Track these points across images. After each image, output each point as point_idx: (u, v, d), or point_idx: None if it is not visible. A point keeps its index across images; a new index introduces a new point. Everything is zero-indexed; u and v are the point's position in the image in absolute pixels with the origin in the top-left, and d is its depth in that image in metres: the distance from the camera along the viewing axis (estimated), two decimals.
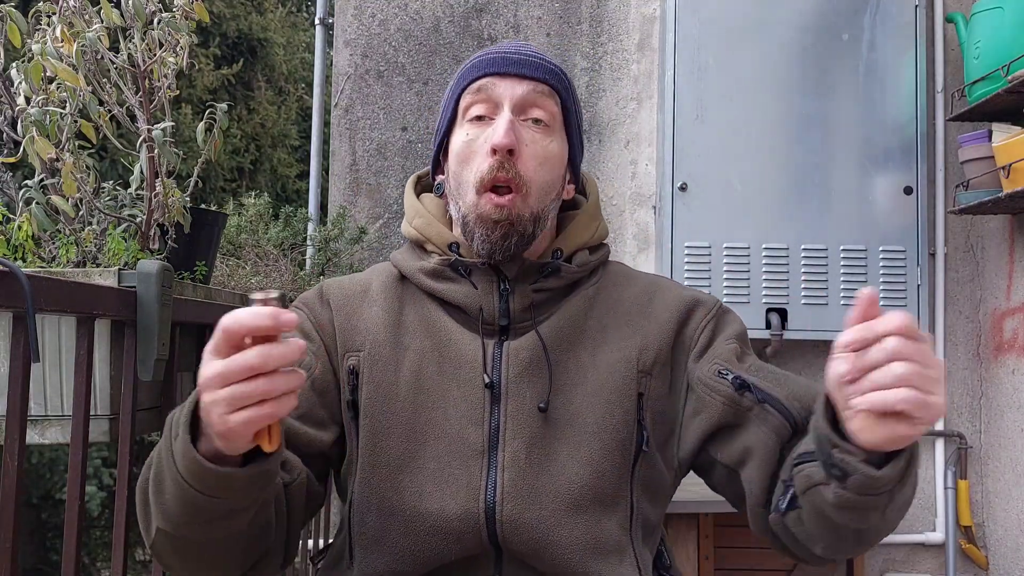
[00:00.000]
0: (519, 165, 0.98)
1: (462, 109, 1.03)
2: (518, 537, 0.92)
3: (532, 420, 0.95)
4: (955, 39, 2.59)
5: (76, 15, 1.25)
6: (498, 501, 0.92)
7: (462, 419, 0.96)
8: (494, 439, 0.95)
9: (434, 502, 0.93)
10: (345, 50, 2.76)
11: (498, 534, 0.93)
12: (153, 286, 1.05)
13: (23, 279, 0.80)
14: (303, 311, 1.04)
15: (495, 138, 0.96)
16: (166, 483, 0.78)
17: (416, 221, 1.09)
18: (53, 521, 3.98)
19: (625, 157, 2.73)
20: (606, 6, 2.76)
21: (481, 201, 0.98)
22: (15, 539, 0.83)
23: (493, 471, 0.94)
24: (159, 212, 1.30)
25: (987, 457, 2.63)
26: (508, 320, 1.00)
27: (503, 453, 0.94)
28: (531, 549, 0.93)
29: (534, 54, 1.04)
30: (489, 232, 0.97)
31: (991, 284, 2.63)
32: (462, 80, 1.04)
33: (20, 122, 1.23)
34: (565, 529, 0.93)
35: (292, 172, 5.40)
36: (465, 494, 0.93)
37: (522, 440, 0.95)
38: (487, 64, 1.02)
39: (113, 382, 1.09)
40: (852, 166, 2.54)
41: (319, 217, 2.83)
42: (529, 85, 1.01)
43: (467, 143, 1.00)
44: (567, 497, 0.94)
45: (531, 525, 0.92)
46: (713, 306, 1.05)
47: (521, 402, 0.96)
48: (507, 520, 0.92)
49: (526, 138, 0.99)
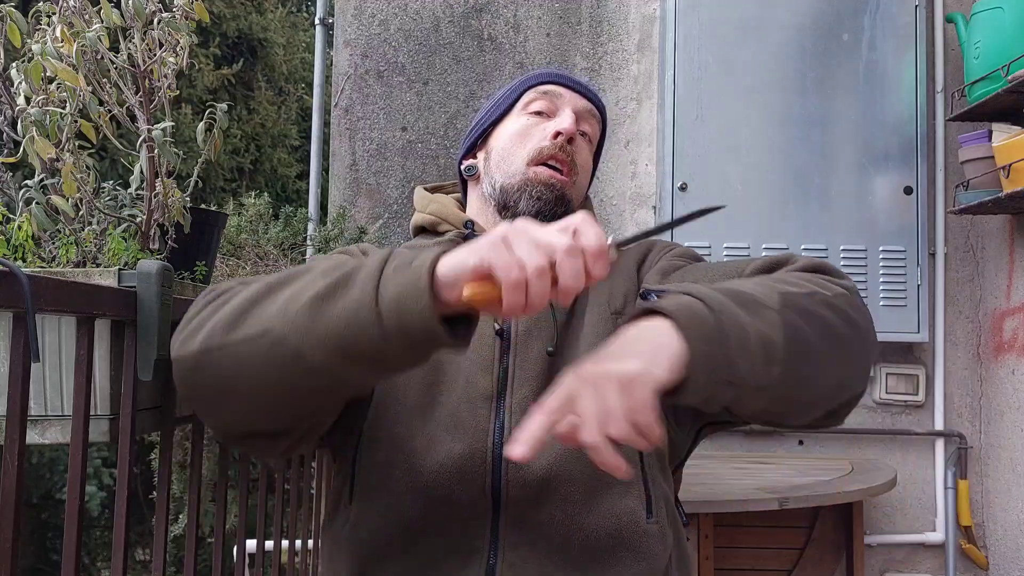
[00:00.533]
0: (576, 152, 1.10)
1: (524, 102, 1.13)
2: (521, 476, 0.93)
3: (539, 367, 0.98)
4: (955, 39, 2.59)
5: (76, 15, 1.25)
6: (504, 442, 0.93)
7: (473, 366, 0.99)
8: (503, 385, 0.97)
9: (442, 443, 0.94)
10: (345, 50, 2.76)
11: (502, 474, 0.93)
12: (153, 286, 1.05)
13: (23, 279, 0.80)
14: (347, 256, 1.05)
15: (564, 123, 1.08)
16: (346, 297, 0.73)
17: (431, 207, 1.16)
18: (53, 521, 3.99)
19: (625, 157, 2.73)
20: (606, 6, 2.76)
21: (532, 169, 1.07)
22: (15, 539, 0.83)
23: (501, 414, 0.96)
24: (159, 212, 1.30)
25: (987, 457, 2.63)
26: None
27: (511, 398, 0.96)
28: (534, 488, 0.93)
29: (586, 82, 1.20)
30: (543, 192, 1.06)
31: (991, 284, 2.63)
32: (529, 80, 1.14)
33: (20, 122, 1.22)
34: (569, 465, 0.93)
35: (292, 172, 5.40)
36: (473, 435, 0.94)
37: (530, 387, 0.97)
38: (555, 75, 1.15)
39: (113, 382, 1.09)
40: (852, 166, 2.54)
41: (319, 217, 2.83)
42: (588, 104, 1.14)
43: (527, 125, 1.11)
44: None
45: (535, 463, 0.93)
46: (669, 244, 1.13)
47: (528, 350, 0.99)
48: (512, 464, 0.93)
49: (579, 140, 1.11)
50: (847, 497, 2.18)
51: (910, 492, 2.66)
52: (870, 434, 2.65)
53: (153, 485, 2.71)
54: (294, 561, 1.77)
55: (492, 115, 1.15)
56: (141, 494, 3.45)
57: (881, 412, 2.66)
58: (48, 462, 3.91)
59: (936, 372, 2.65)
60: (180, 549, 3.08)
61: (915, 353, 2.67)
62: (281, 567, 1.70)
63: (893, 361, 2.66)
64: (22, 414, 0.84)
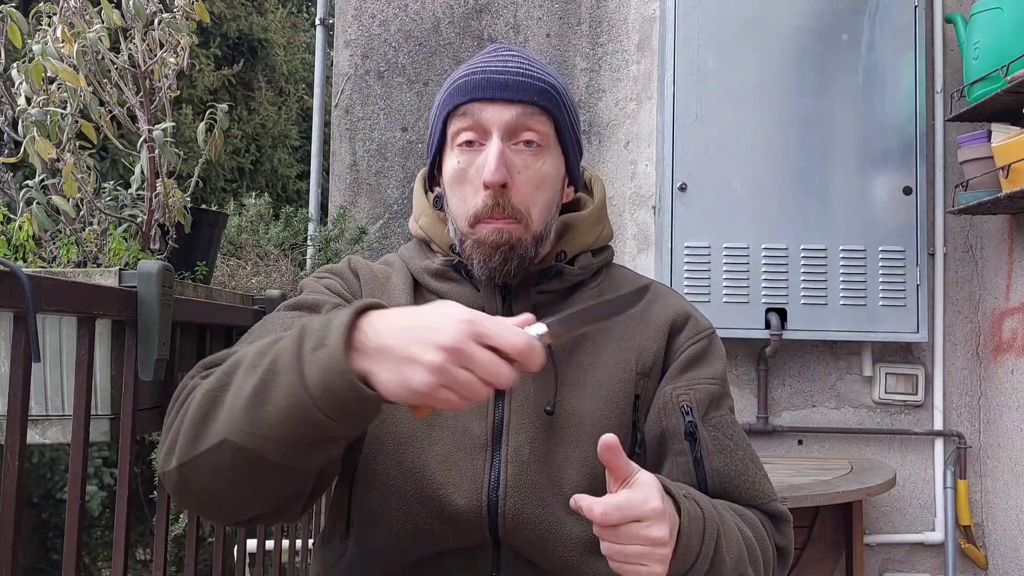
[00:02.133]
0: (514, 196, 0.96)
1: (451, 134, 1.00)
2: (519, 531, 0.93)
3: (535, 417, 0.96)
4: (954, 39, 2.59)
5: (77, 15, 1.25)
6: (501, 496, 0.93)
7: (466, 413, 0.97)
8: (497, 433, 0.96)
9: (439, 488, 0.94)
10: (345, 51, 2.77)
11: (500, 527, 0.94)
12: (154, 286, 1.05)
13: (24, 279, 0.80)
14: (335, 280, 1.05)
15: (487, 175, 0.94)
16: (276, 392, 0.74)
17: (422, 220, 1.09)
18: (54, 521, 3.99)
19: (625, 157, 2.73)
20: (606, 6, 2.77)
21: (475, 229, 0.97)
22: (16, 539, 0.83)
23: (497, 465, 0.95)
24: (160, 212, 1.31)
25: (986, 457, 2.63)
26: None
27: (506, 448, 0.95)
28: (531, 544, 0.94)
29: (521, 70, 1.00)
30: (487, 257, 0.97)
31: (990, 284, 2.63)
32: (447, 103, 1.00)
33: (21, 122, 1.23)
34: (565, 527, 0.94)
35: (292, 172, 5.40)
36: (470, 486, 0.94)
37: (525, 436, 0.96)
38: (472, 87, 0.98)
39: (114, 382, 1.09)
40: (851, 166, 2.54)
41: (319, 217, 2.84)
42: (517, 109, 0.97)
43: (459, 172, 0.99)
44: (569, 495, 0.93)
45: (533, 520, 0.93)
46: (706, 328, 1.07)
47: (525, 398, 0.97)
48: (509, 514, 0.93)
49: (519, 164, 0.97)
50: (846, 497, 2.18)
51: (909, 492, 2.66)
52: (869, 434, 2.65)
53: (153, 485, 2.71)
54: (294, 561, 1.77)
55: (433, 142, 1.05)
56: (141, 494, 3.46)
57: (880, 412, 2.67)
58: (48, 462, 3.92)
59: (935, 372, 2.66)
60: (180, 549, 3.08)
61: (914, 353, 2.68)
62: (281, 567, 1.70)
63: (892, 361, 2.66)
64: (23, 414, 0.84)
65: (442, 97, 1.03)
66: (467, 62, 1.05)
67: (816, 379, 2.67)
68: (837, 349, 2.66)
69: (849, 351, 2.66)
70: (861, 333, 2.52)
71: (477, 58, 1.04)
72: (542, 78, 1.00)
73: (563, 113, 1.02)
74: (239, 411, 0.76)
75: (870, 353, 2.63)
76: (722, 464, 0.99)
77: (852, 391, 2.67)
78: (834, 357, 2.67)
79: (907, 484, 2.65)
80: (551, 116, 1.00)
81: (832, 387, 2.67)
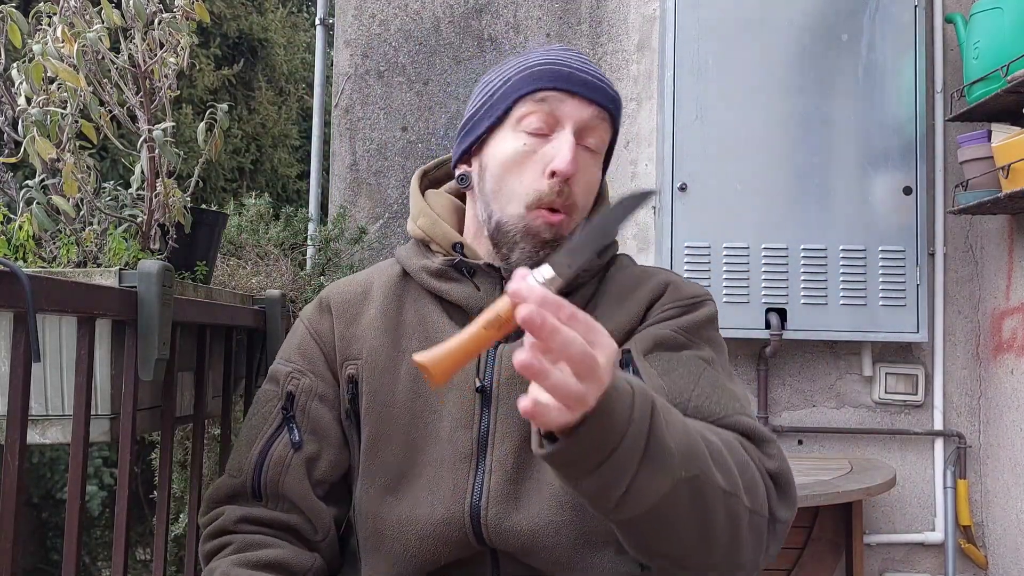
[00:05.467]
0: (575, 191, 0.98)
1: (517, 116, 0.98)
2: (504, 539, 0.93)
3: (521, 424, 0.96)
4: (954, 39, 2.59)
5: (77, 15, 1.25)
6: (483, 505, 0.93)
7: (453, 422, 0.97)
8: (483, 443, 0.96)
9: (424, 507, 0.95)
10: (345, 50, 2.77)
11: (484, 537, 0.94)
12: (154, 286, 1.05)
13: (24, 279, 0.80)
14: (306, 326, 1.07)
15: (561, 164, 0.94)
16: None
17: (421, 220, 1.08)
18: (54, 521, 3.99)
19: (625, 157, 2.73)
20: (606, 6, 2.77)
21: (531, 216, 0.97)
22: (16, 539, 0.83)
23: (480, 474, 0.95)
24: (160, 212, 1.31)
25: (986, 457, 2.64)
26: None
27: (491, 457, 0.95)
28: (519, 549, 0.94)
29: (599, 74, 1.01)
30: (537, 249, 0.97)
31: (990, 284, 2.63)
32: (522, 84, 0.98)
33: (21, 122, 1.23)
34: (551, 527, 0.93)
35: (292, 172, 5.40)
36: (451, 498, 0.94)
37: (510, 443, 0.95)
38: (557, 77, 0.98)
39: (114, 382, 1.09)
40: (851, 166, 2.54)
41: (319, 217, 2.84)
42: (594, 111, 0.99)
43: (522, 153, 0.97)
44: (551, 497, 0.94)
45: (516, 527, 0.93)
46: (688, 295, 1.02)
47: (510, 407, 0.96)
48: (491, 523, 0.93)
49: (581, 164, 0.99)
50: (846, 496, 2.18)
51: (909, 492, 2.66)
52: (869, 434, 2.65)
53: (153, 485, 2.71)
54: None
55: (485, 120, 1.02)
56: (141, 494, 3.46)
57: (880, 412, 2.67)
58: (48, 462, 3.91)
59: (935, 372, 2.65)
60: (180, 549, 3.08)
61: (914, 353, 2.68)
62: None
63: (892, 361, 2.66)
64: (23, 414, 0.84)
65: (512, 78, 1.00)
66: (535, 52, 1.03)
67: (816, 379, 2.67)
68: (837, 349, 2.66)
69: (849, 351, 2.66)
70: (861, 333, 2.52)
71: (551, 50, 1.02)
72: (612, 86, 1.04)
73: (617, 127, 1.06)
74: None
75: (870, 353, 2.63)
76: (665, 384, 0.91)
77: (852, 391, 2.67)
78: (834, 357, 2.67)
79: (907, 484, 2.65)
80: (613, 127, 1.04)
81: (832, 387, 2.67)
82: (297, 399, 1.02)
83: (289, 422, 1.01)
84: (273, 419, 1.02)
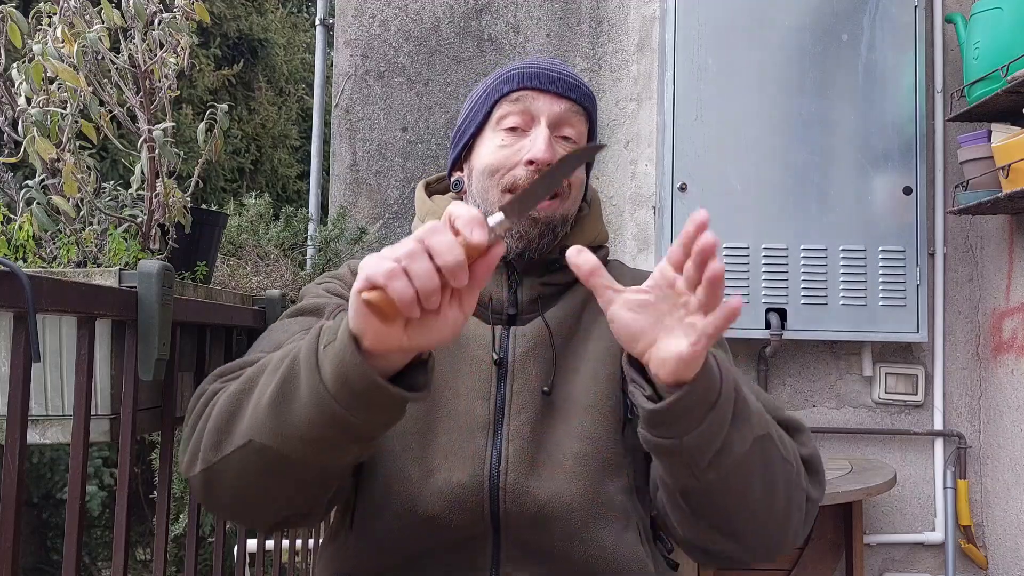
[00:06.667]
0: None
1: (496, 117, 1.06)
2: (520, 505, 0.95)
3: (535, 398, 1.00)
4: (954, 39, 2.59)
5: (77, 15, 1.26)
6: (502, 470, 0.96)
7: (470, 394, 1.00)
8: (499, 413, 0.99)
9: (441, 470, 0.96)
10: (345, 51, 2.77)
11: (500, 502, 0.95)
12: (154, 286, 1.05)
13: (24, 279, 0.80)
14: (335, 283, 1.09)
15: (536, 151, 1.01)
16: (298, 391, 0.76)
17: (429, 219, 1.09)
18: (54, 521, 3.99)
19: (625, 157, 2.73)
20: (606, 6, 2.77)
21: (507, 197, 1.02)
22: (16, 539, 0.83)
23: (498, 442, 0.97)
24: (160, 212, 1.31)
25: (986, 457, 2.64)
26: (516, 310, 1.06)
27: (508, 426, 0.98)
28: (532, 517, 0.95)
29: (570, 74, 1.08)
30: (527, 229, 1.02)
31: (990, 284, 2.63)
32: (499, 88, 1.07)
33: (21, 122, 1.23)
34: (567, 495, 0.95)
35: (292, 172, 5.40)
36: (471, 463, 0.96)
37: (526, 415, 0.99)
38: (527, 77, 1.06)
39: (114, 382, 1.09)
40: (851, 166, 2.54)
41: (319, 217, 2.84)
42: (566, 104, 1.05)
43: (500, 148, 1.05)
44: (568, 466, 0.97)
45: (533, 492, 0.95)
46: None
47: (526, 380, 1.00)
48: (510, 488, 0.95)
49: (559, 153, 1.04)
50: (846, 497, 2.19)
51: (909, 492, 2.66)
52: (869, 434, 2.65)
53: (153, 485, 2.71)
54: (294, 561, 1.77)
55: (470, 126, 1.10)
56: (142, 494, 3.46)
57: (880, 412, 2.67)
58: (48, 462, 3.91)
59: (935, 372, 2.66)
60: (180, 549, 3.08)
61: (914, 353, 2.68)
62: (281, 567, 1.70)
63: (892, 361, 2.66)
64: (23, 414, 0.84)
65: (490, 86, 1.09)
66: (515, 62, 1.12)
67: (816, 379, 2.67)
68: (837, 349, 2.66)
69: (849, 351, 2.66)
70: (861, 333, 2.52)
71: (526, 60, 1.11)
72: (586, 85, 1.10)
73: (595, 121, 1.12)
74: (263, 411, 0.78)
75: (870, 353, 2.63)
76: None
77: (852, 391, 2.67)
78: (834, 357, 2.67)
79: (907, 484, 2.65)
80: (588, 119, 1.09)
81: (832, 387, 2.67)
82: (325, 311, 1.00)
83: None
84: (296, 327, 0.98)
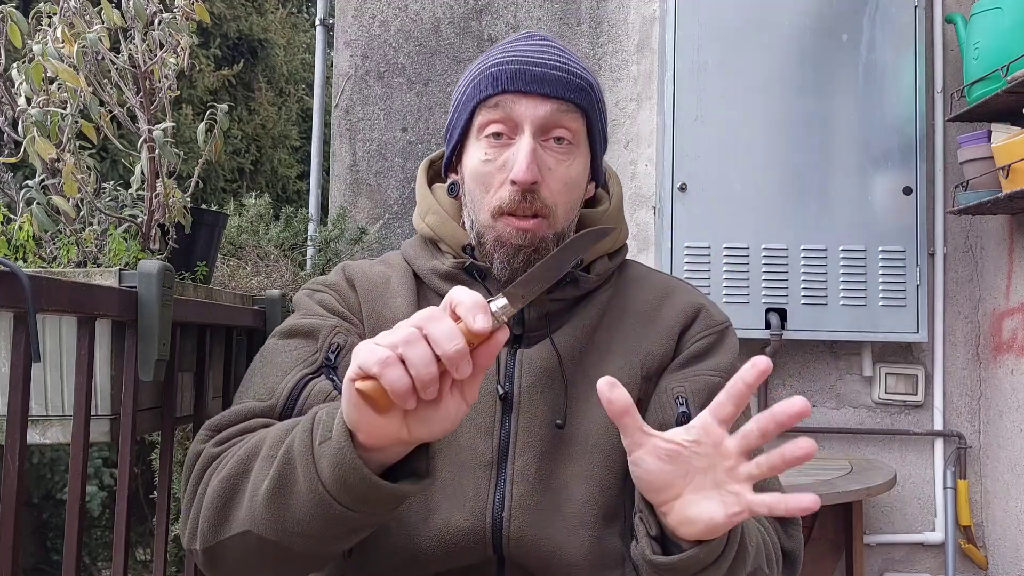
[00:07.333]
0: (543, 192, 0.93)
1: (478, 125, 0.96)
2: (524, 552, 0.91)
3: (543, 434, 0.93)
4: (954, 40, 2.59)
5: (77, 16, 1.26)
6: (505, 516, 0.90)
7: (473, 428, 0.93)
8: (504, 451, 0.93)
9: (441, 512, 0.91)
10: (345, 51, 2.77)
11: (504, 548, 0.91)
12: (154, 286, 1.05)
13: (24, 279, 0.80)
14: (329, 294, 1.01)
15: (516, 172, 0.91)
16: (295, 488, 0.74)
17: (429, 218, 1.05)
18: (54, 521, 3.98)
19: (625, 158, 2.73)
20: (606, 7, 2.77)
21: (499, 224, 0.94)
22: (16, 539, 0.83)
23: (502, 483, 0.92)
24: (160, 212, 1.31)
25: (986, 457, 2.63)
26: (523, 328, 0.98)
27: (512, 466, 0.92)
28: (536, 564, 0.91)
29: (558, 64, 0.96)
30: (510, 258, 0.94)
31: (990, 284, 2.63)
32: (477, 92, 0.96)
33: (21, 122, 1.23)
34: (571, 547, 0.91)
35: (292, 173, 5.40)
36: (472, 507, 0.91)
37: (532, 454, 0.93)
38: (507, 78, 0.94)
39: (114, 382, 1.09)
40: (851, 166, 2.54)
41: (319, 218, 2.84)
42: (551, 105, 0.94)
43: (484, 163, 0.95)
44: (573, 514, 0.92)
45: (537, 541, 0.90)
46: (719, 322, 1.02)
47: (533, 415, 0.94)
48: (514, 536, 0.90)
49: (549, 162, 0.94)
50: (847, 497, 2.18)
51: (909, 492, 2.66)
52: (869, 434, 2.65)
53: (153, 485, 2.71)
54: None
55: (456, 129, 1.00)
56: (142, 494, 3.45)
57: (880, 412, 2.67)
58: (48, 462, 3.91)
59: (935, 372, 2.65)
60: (180, 549, 3.08)
61: (914, 353, 2.68)
62: None
63: (892, 361, 2.66)
64: (23, 414, 0.84)
65: (471, 83, 0.98)
66: (498, 46, 1.00)
67: (816, 379, 2.67)
68: (837, 349, 2.66)
69: (849, 351, 2.66)
70: (861, 333, 2.52)
71: (510, 44, 0.99)
72: (579, 74, 0.97)
73: (595, 110, 0.99)
74: (260, 506, 0.77)
75: (870, 353, 2.63)
76: None
77: (852, 391, 2.67)
78: (834, 357, 2.67)
79: (907, 484, 2.65)
80: (584, 114, 0.97)
81: (832, 387, 2.67)
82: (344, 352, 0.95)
83: (329, 372, 0.93)
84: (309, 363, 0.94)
